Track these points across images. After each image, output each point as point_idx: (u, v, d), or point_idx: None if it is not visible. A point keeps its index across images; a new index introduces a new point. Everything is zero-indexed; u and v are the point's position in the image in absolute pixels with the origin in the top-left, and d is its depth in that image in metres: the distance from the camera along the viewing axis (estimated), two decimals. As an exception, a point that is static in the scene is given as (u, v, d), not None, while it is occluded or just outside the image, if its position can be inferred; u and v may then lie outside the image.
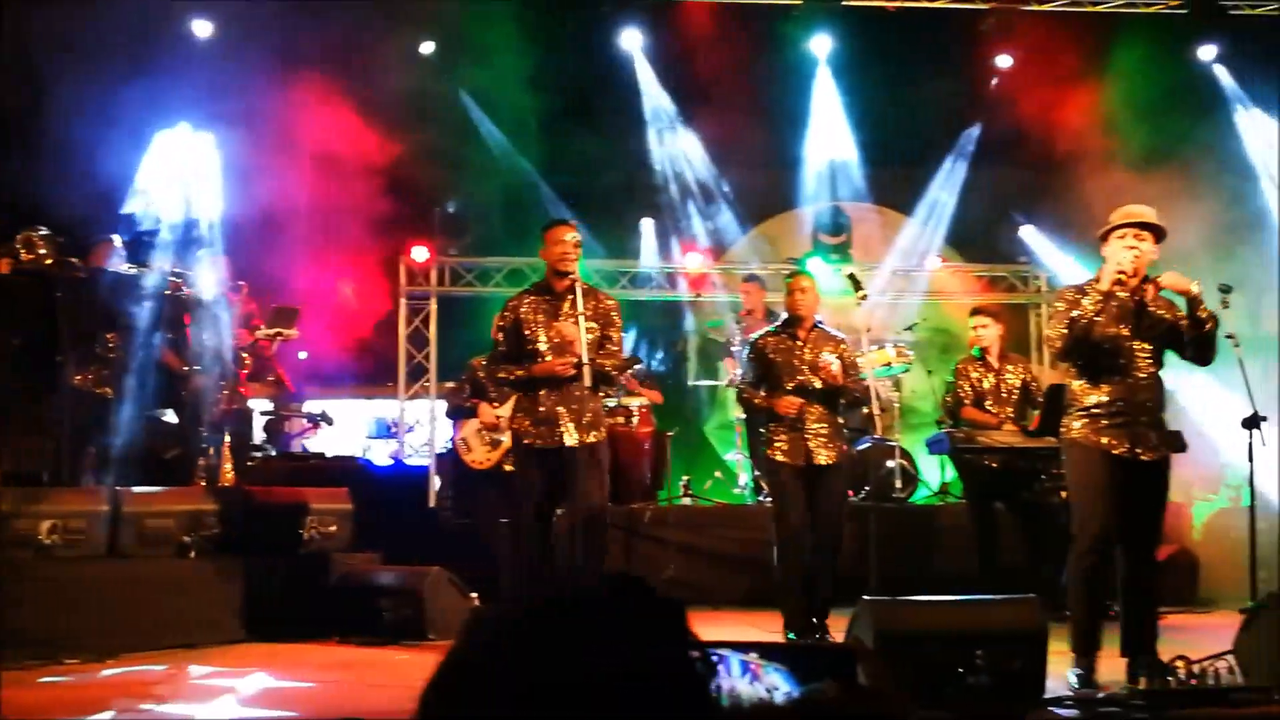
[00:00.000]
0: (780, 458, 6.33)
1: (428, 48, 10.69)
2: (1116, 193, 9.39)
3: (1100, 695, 4.34)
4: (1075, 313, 4.93)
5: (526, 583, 6.11)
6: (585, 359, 5.69)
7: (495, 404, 7.65)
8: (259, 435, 9.57)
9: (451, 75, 10.57)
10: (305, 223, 9.64)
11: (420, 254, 10.77)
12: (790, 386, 6.37)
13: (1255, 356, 8.78)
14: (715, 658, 1.35)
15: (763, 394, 6.43)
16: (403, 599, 6.51)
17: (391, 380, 10.96)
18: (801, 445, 6.29)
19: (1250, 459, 5.27)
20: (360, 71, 9.84)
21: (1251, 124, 11.23)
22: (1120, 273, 4.82)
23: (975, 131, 11.65)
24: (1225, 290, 5.16)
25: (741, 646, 2.46)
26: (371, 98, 9.88)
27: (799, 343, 6.44)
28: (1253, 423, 5.37)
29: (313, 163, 9.59)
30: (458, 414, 8.13)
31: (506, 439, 7.49)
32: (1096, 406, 4.99)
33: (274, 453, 9.51)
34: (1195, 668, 4.60)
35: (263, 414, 9.65)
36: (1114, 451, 4.95)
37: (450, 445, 8.59)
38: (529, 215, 10.00)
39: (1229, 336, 5.20)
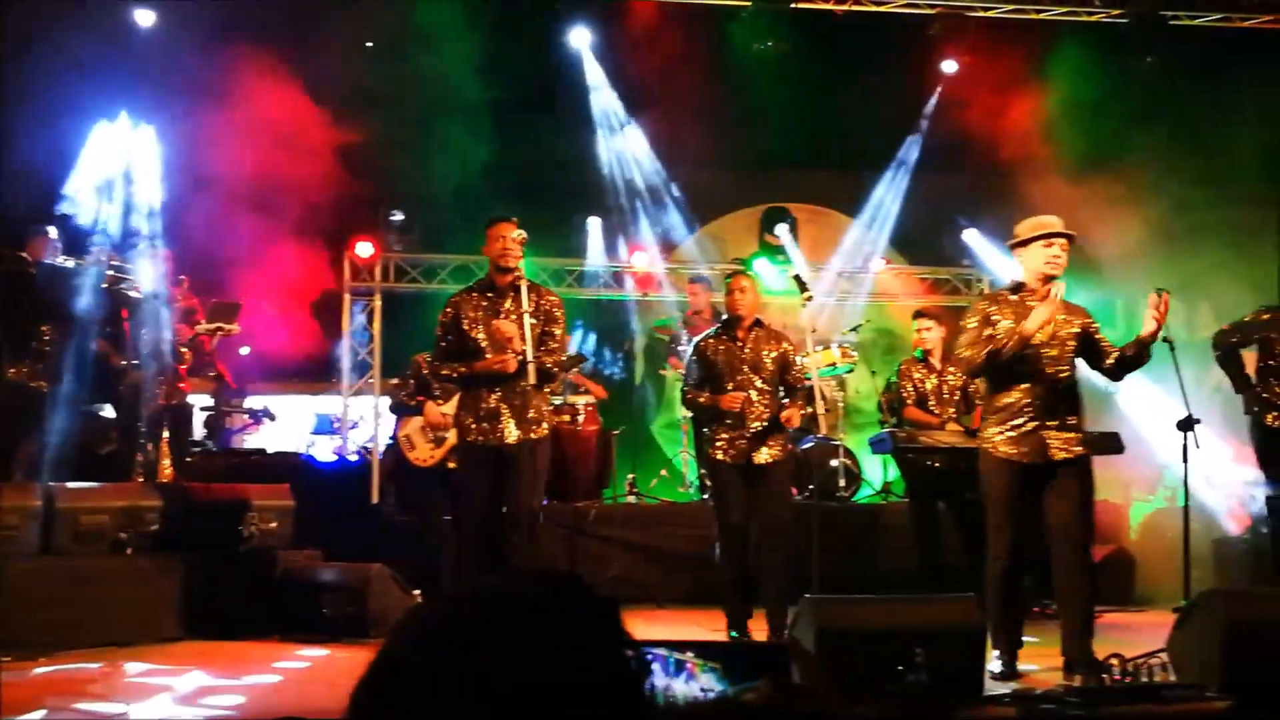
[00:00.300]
0: (720, 456, 6.37)
1: (374, 40, 10.60)
2: (1058, 198, 9.57)
3: (1037, 692, 4.40)
4: (987, 333, 5.11)
5: (468, 580, 6.08)
6: (529, 356, 5.67)
7: (440, 401, 7.61)
8: (199, 431, 9.46)
9: (398, 69, 10.48)
10: (248, 217, 9.52)
11: (365, 249, 10.68)
12: (730, 387, 6.40)
13: (1191, 361, 8.97)
14: (650, 657, 1.36)
15: (706, 395, 6.45)
16: (345, 597, 6.46)
17: (335, 376, 10.87)
18: (742, 444, 6.33)
19: (1185, 460, 5.36)
20: (305, 64, 9.73)
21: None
22: (1050, 323, 5.06)
23: (920, 135, 11.76)
24: (1160, 294, 5.24)
25: (677, 646, 2.46)
26: (316, 90, 9.79)
27: (738, 343, 6.47)
28: (1187, 425, 5.47)
29: (256, 156, 9.47)
30: (402, 411, 8.07)
31: (450, 436, 7.46)
32: (1007, 411, 5.15)
33: (214, 448, 9.39)
34: (1130, 665, 4.69)
35: (203, 409, 9.52)
36: (1024, 460, 5.12)
37: (393, 442, 8.53)
38: (476, 211, 9.94)
39: (1165, 340, 5.29)
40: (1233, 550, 8.50)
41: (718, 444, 6.39)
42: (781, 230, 11.65)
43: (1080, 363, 5.29)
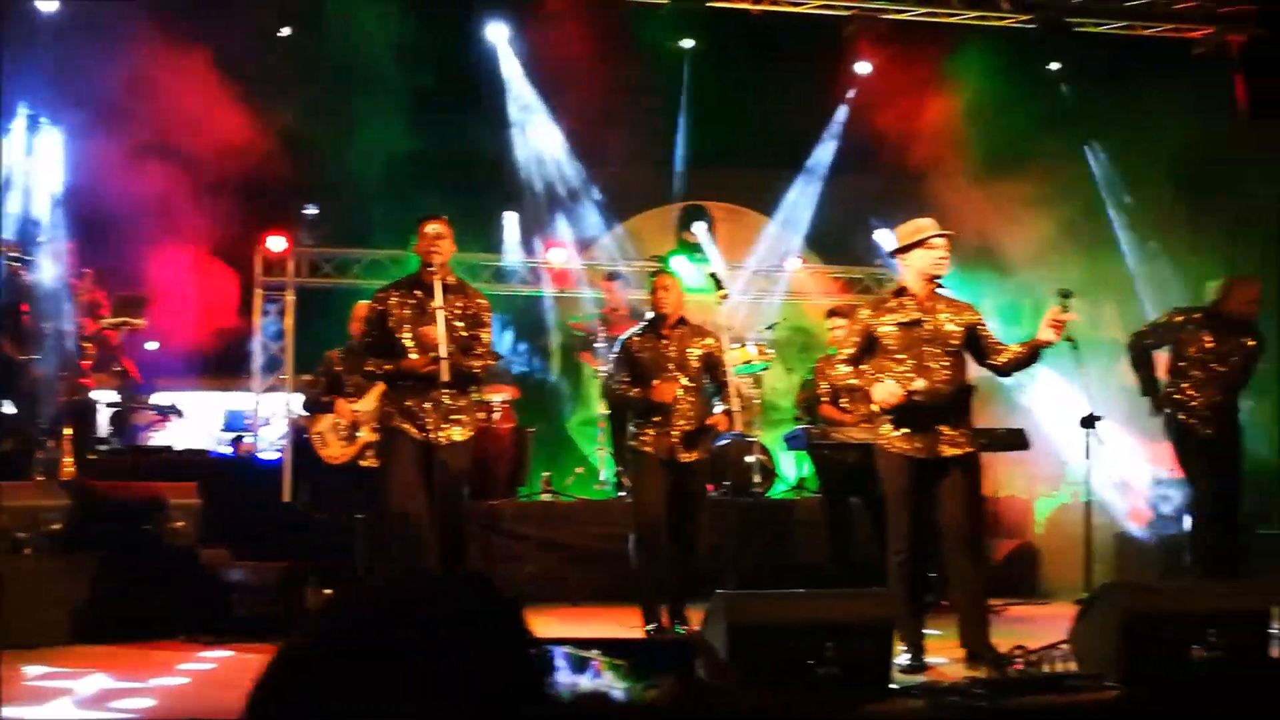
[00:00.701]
0: (646, 449, 6.39)
1: (286, 31, 10.43)
2: (969, 199, 9.76)
3: (944, 685, 4.48)
4: (861, 342, 5.32)
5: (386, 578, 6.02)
6: (443, 354, 5.64)
7: (352, 399, 7.52)
8: (105, 428, 9.23)
9: (313, 60, 10.32)
10: (156, 209, 9.30)
11: (277, 244, 10.51)
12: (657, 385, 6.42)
13: (1094, 359, 9.19)
14: (555, 655, 1.36)
15: (638, 390, 6.46)
16: (254, 596, 6.36)
17: (246, 373, 10.68)
18: (667, 440, 6.35)
19: (1087, 457, 5.50)
20: (216, 54, 9.53)
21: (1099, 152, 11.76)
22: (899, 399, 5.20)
23: (835, 136, 11.89)
24: (1065, 295, 5.37)
25: (582, 643, 2.47)
26: (228, 81, 9.59)
27: (664, 340, 6.49)
28: (1089, 422, 5.60)
29: (164, 146, 9.26)
30: (314, 408, 7.95)
31: (364, 433, 7.38)
32: (900, 409, 5.25)
33: (119, 446, 9.17)
34: (1033, 656, 4.80)
35: (108, 406, 9.29)
36: (917, 456, 5.23)
37: (306, 439, 8.40)
38: (390, 206, 9.86)
39: (1069, 339, 5.42)
40: (1134, 545, 8.74)
41: (644, 438, 6.41)
42: (699, 228, 11.72)
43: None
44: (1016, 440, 7.19)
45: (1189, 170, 10.73)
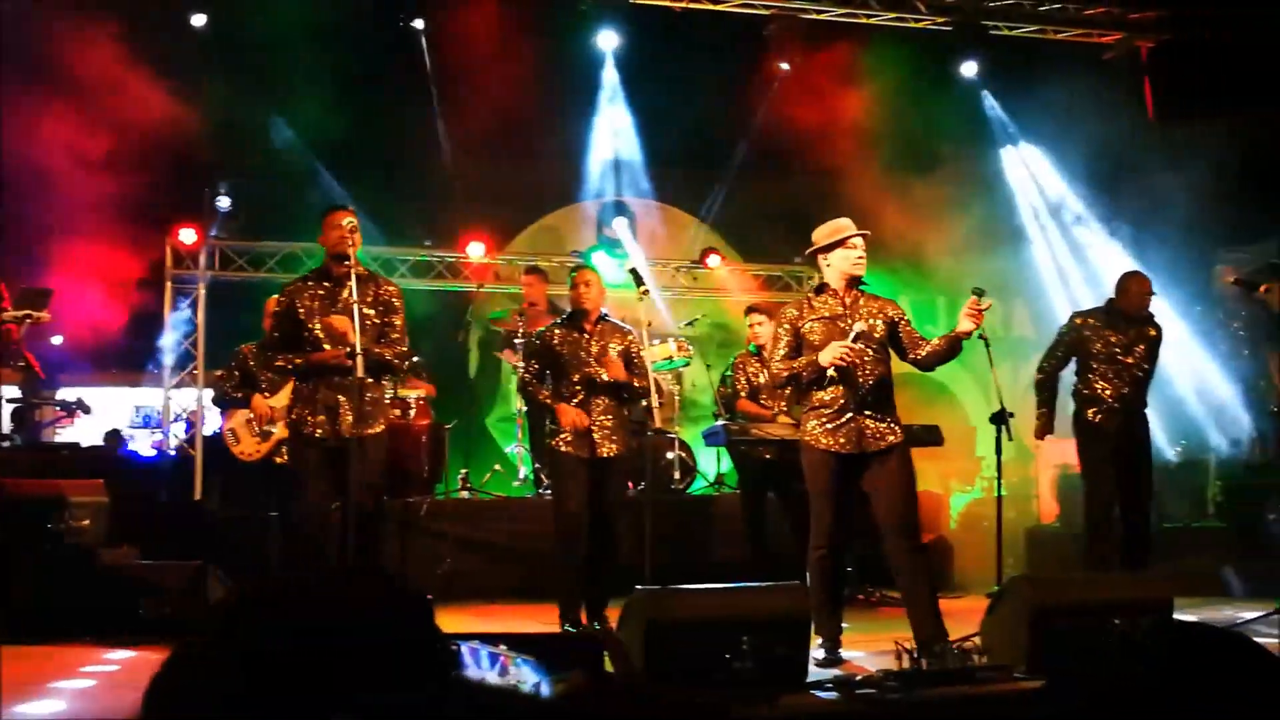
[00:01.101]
0: (565, 448, 6.37)
1: (199, 20, 10.22)
2: (886, 199, 9.90)
3: (858, 678, 4.53)
4: (793, 342, 5.35)
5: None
6: (358, 348, 5.57)
7: (266, 394, 7.40)
8: (6, 424, 8.97)
9: (227, 49, 10.12)
10: (62, 198, 9.06)
11: (188, 236, 10.28)
12: (576, 379, 6.41)
13: (1005, 357, 9.39)
14: (463, 649, 1.34)
15: (547, 394, 6.43)
16: (164, 597, 6.22)
17: (156, 367, 10.44)
18: (587, 438, 6.34)
19: (998, 452, 5.59)
20: (125, 41, 9.30)
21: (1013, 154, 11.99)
22: (841, 360, 5.23)
23: (755, 134, 11.96)
24: (979, 294, 5.45)
25: (490, 639, 2.46)
26: (138, 70, 9.37)
27: (585, 336, 6.48)
28: (1000, 419, 5.70)
29: (71, 136, 9.02)
30: (226, 404, 7.81)
31: (277, 430, 7.27)
32: (824, 406, 5.31)
33: (22, 442, 8.92)
34: (968, 645, 4.89)
35: (10, 402, 9.03)
36: (842, 451, 5.27)
37: (218, 435, 8.25)
38: (306, 199, 9.71)
39: (981, 338, 5.51)
40: (1043, 538, 8.94)
41: (563, 435, 6.39)
42: (619, 224, 11.72)
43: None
44: (930, 436, 7.30)
45: (1098, 171, 11.00)
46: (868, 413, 5.29)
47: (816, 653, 5.16)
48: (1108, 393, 7.14)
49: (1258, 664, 1.31)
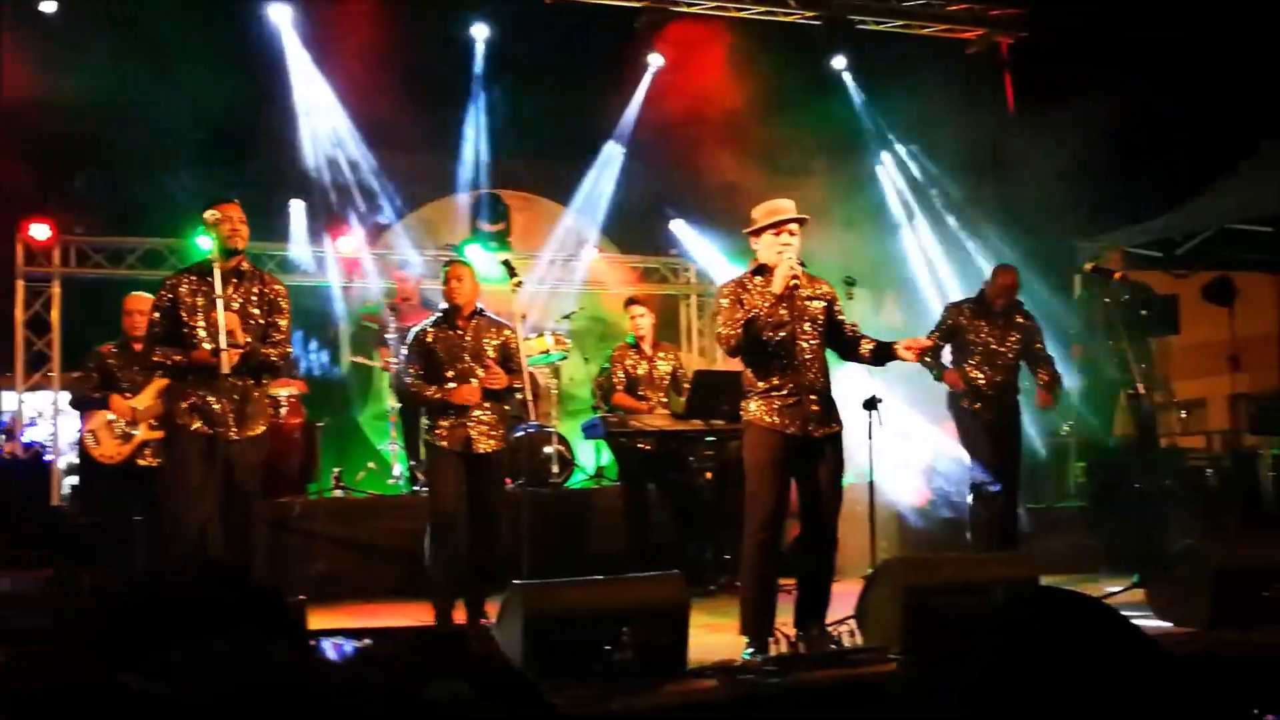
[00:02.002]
0: (441, 444, 6.27)
1: (49, 6, 9.77)
2: (757, 191, 9.97)
3: (736, 664, 4.55)
4: (740, 314, 5.19)
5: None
6: (225, 345, 5.40)
7: (128, 394, 7.12)
8: None
9: (81, 36, 9.70)
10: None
11: (40, 231, 9.85)
12: (451, 375, 6.31)
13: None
14: (327, 646, 1.29)
15: (436, 391, 6.29)
16: (18, 607, 5.93)
17: (8, 370, 9.98)
18: (463, 433, 6.25)
19: (870, 438, 5.66)
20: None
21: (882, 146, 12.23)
22: (794, 277, 5.15)
23: (630, 125, 11.96)
24: (850, 283, 5.54)
25: (355, 634, 2.40)
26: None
27: (459, 331, 6.38)
28: (871, 404, 5.78)
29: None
30: (85, 405, 7.49)
31: (139, 432, 7.01)
32: (770, 390, 5.22)
33: None
34: (842, 630, 4.95)
35: None
36: (787, 431, 5.17)
37: (77, 438, 7.92)
38: (167, 193, 9.38)
39: (852, 325, 5.58)
40: (915, 521, 9.12)
41: (439, 431, 6.29)
42: (494, 216, 11.61)
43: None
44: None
45: (964, 162, 11.28)
46: (813, 397, 5.21)
47: (745, 651, 5.00)
48: (981, 381, 7.38)
49: (1114, 629, 1.33)
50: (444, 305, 6.51)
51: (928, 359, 7.48)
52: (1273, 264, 10.53)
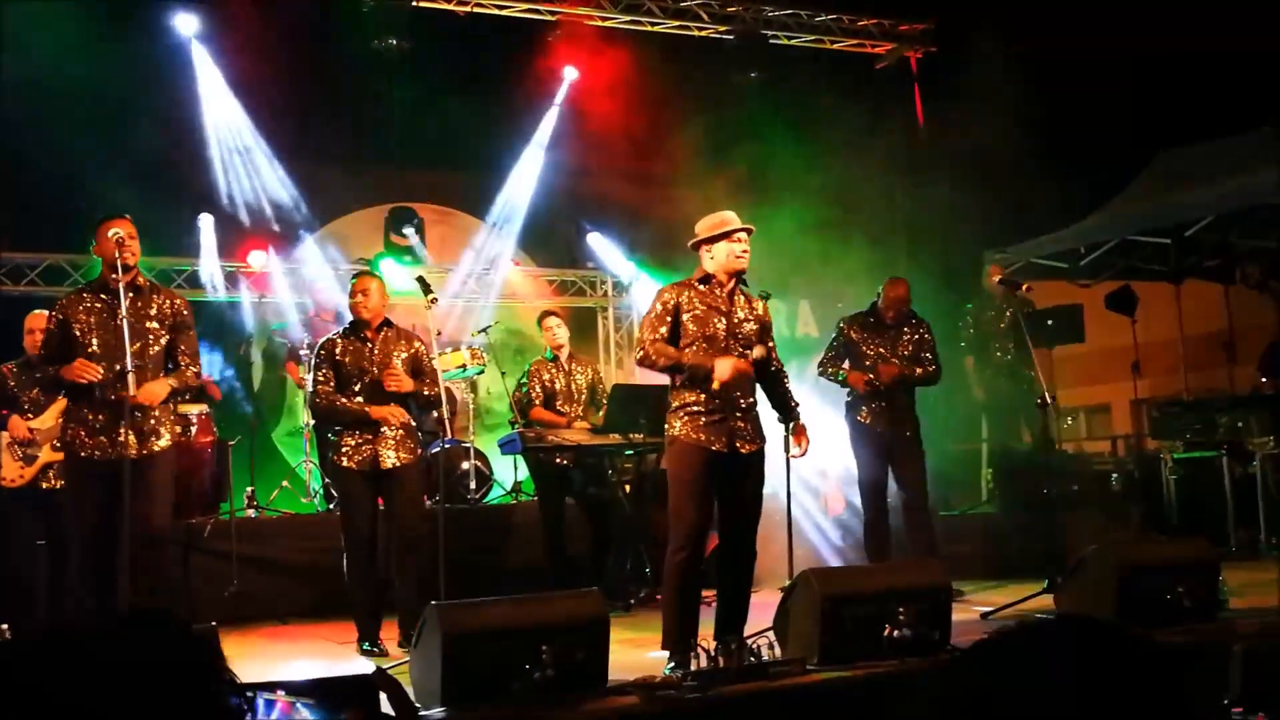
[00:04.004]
0: (346, 463, 6.19)
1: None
2: (669, 203, 10.03)
3: (656, 679, 4.55)
4: (665, 329, 5.24)
5: (73, 610, 5.58)
6: (130, 365, 5.28)
7: (29, 415, 6.92)
8: None
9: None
10: None
11: (-63, 248, 9.54)
12: (358, 388, 6.23)
13: (792, 355, 9.64)
14: (237, 697, 1.26)
15: (345, 401, 6.20)
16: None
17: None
18: (369, 449, 6.17)
19: (786, 450, 5.70)
20: None
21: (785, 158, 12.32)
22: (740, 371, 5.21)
23: (545, 139, 11.95)
24: (765, 296, 5.59)
25: (267, 686, 2.36)
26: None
27: (367, 344, 6.31)
28: (788, 417, 5.82)
29: None
30: (-17, 427, 7.27)
31: (42, 454, 6.82)
32: (695, 405, 5.23)
33: None
34: (760, 642, 4.95)
35: None
36: (712, 448, 5.19)
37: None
38: (69, 208, 9.13)
39: (778, 363, 5.65)
40: (832, 531, 9.21)
41: (344, 450, 6.20)
42: (408, 231, 11.51)
43: None
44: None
45: (871, 174, 11.44)
46: (738, 414, 5.25)
47: (667, 668, 4.97)
48: (875, 395, 7.45)
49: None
50: (351, 319, 6.43)
51: (829, 369, 7.60)
52: (1171, 273, 10.84)
